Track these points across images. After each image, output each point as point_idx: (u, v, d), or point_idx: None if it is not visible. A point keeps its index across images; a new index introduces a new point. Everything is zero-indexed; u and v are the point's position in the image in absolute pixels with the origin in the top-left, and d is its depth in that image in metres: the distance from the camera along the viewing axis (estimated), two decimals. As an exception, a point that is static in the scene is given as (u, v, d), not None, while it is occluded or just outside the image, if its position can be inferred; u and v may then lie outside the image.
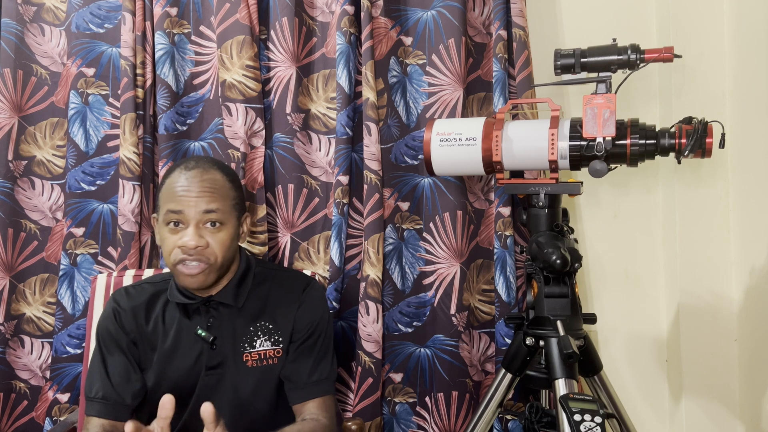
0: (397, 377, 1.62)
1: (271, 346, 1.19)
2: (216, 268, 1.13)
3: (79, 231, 1.66)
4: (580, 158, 1.15)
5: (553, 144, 1.15)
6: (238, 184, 1.21)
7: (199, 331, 1.17)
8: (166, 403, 0.88)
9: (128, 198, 1.59)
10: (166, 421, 0.89)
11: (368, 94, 1.52)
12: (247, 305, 1.21)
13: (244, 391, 1.17)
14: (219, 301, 1.19)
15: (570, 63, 1.14)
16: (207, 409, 0.89)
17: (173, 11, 1.63)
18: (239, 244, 1.23)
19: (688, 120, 1.11)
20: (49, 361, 1.68)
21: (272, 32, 1.62)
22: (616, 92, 1.13)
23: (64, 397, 1.64)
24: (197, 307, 1.19)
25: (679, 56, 1.11)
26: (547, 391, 1.37)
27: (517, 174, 1.29)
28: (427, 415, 1.60)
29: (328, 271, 1.59)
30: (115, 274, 1.49)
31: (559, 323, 1.10)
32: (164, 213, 1.13)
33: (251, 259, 1.26)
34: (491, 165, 1.22)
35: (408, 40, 1.60)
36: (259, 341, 1.19)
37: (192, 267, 1.11)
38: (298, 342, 1.20)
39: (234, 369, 1.17)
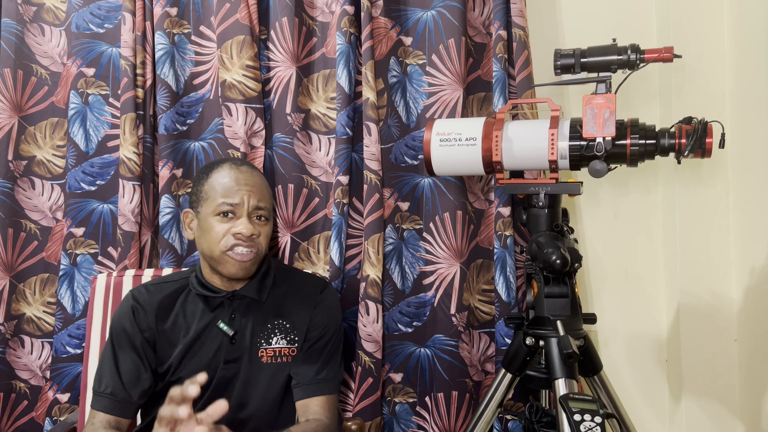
0: (397, 377, 1.62)
1: (287, 344, 1.22)
2: (259, 259, 1.20)
3: (79, 231, 1.66)
4: (580, 158, 1.15)
5: (553, 144, 1.15)
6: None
7: (221, 325, 1.19)
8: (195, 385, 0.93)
9: (128, 198, 1.59)
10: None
11: (368, 94, 1.52)
12: (267, 303, 1.24)
13: (255, 386, 1.20)
14: (243, 294, 1.22)
15: (570, 63, 1.14)
16: (222, 407, 0.92)
17: (173, 11, 1.63)
18: None
19: (688, 120, 1.11)
20: (49, 361, 1.68)
21: (272, 32, 1.62)
22: (616, 92, 1.13)
23: (64, 397, 1.64)
24: (221, 301, 1.22)
25: (679, 56, 1.11)
26: (547, 391, 1.37)
27: (517, 174, 1.29)
28: (427, 415, 1.60)
29: (328, 271, 1.59)
30: (115, 274, 1.49)
31: (559, 323, 1.10)
32: (217, 204, 1.18)
33: (272, 260, 1.31)
34: (491, 165, 1.21)
35: (408, 40, 1.60)
36: (275, 339, 1.22)
37: (244, 253, 1.16)
38: (311, 341, 1.23)
39: (249, 364, 1.20)
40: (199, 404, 1.18)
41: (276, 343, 1.21)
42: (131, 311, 1.21)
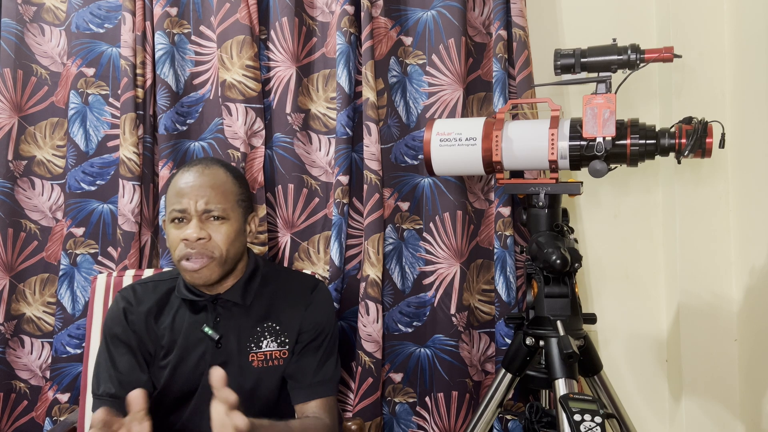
0: (397, 377, 1.62)
1: (278, 347, 1.19)
2: (221, 262, 1.14)
3: (79, 231, 1.66)
4: (580, 158, 1.15)
5: (553, 144, 1.15)
6: (243, 181, 1.23)
7: (206, 329, 1.17)
8: (136, 398, 0.88)
9: (128, 198, 1.59)
10: (139, 414, 0.88)
11: (368, 94, 1.52)
12: (254, 305, 1.21)
13: (247, 390, 1.17)
14: (226, 299, 1.19)
15: (570, 63, 1.14)
16: (217, 375, 0.88)
17: (173, 11, 1.63)
18: (246, 243, 1.24)
19: (688, 120, 1.11)
20: (49, 361, 1.68)
21: (272, 32, 1.62)
22: (616, 92, 1.13)
23: (64, 397, 1.64)
24: (205, 305, 1.20)
25: (679, 56, 1.11)
26: (547, 391, 1.37)
27: (517, 174, 1.29)
28: (427, 415, 1.60)
29: (328, 271, 1.59)
30: (115, 274, 1.49)
31: (559, 323, 1.10)
32: (169, 211, 1.15)
33: (259, 260, 1.27)
34: (491, 165, 1.22)
35: (408, 40, 1.60)
36: (265, 342, 1.19)
37: (195, 261, 1.11)
38: (305, 342, 1.21)
39: (239, 368, 1.17)
40: (187, 412, 1.18)
41: (266, 346, 1.19)
42: (123, 313, 1.20)
